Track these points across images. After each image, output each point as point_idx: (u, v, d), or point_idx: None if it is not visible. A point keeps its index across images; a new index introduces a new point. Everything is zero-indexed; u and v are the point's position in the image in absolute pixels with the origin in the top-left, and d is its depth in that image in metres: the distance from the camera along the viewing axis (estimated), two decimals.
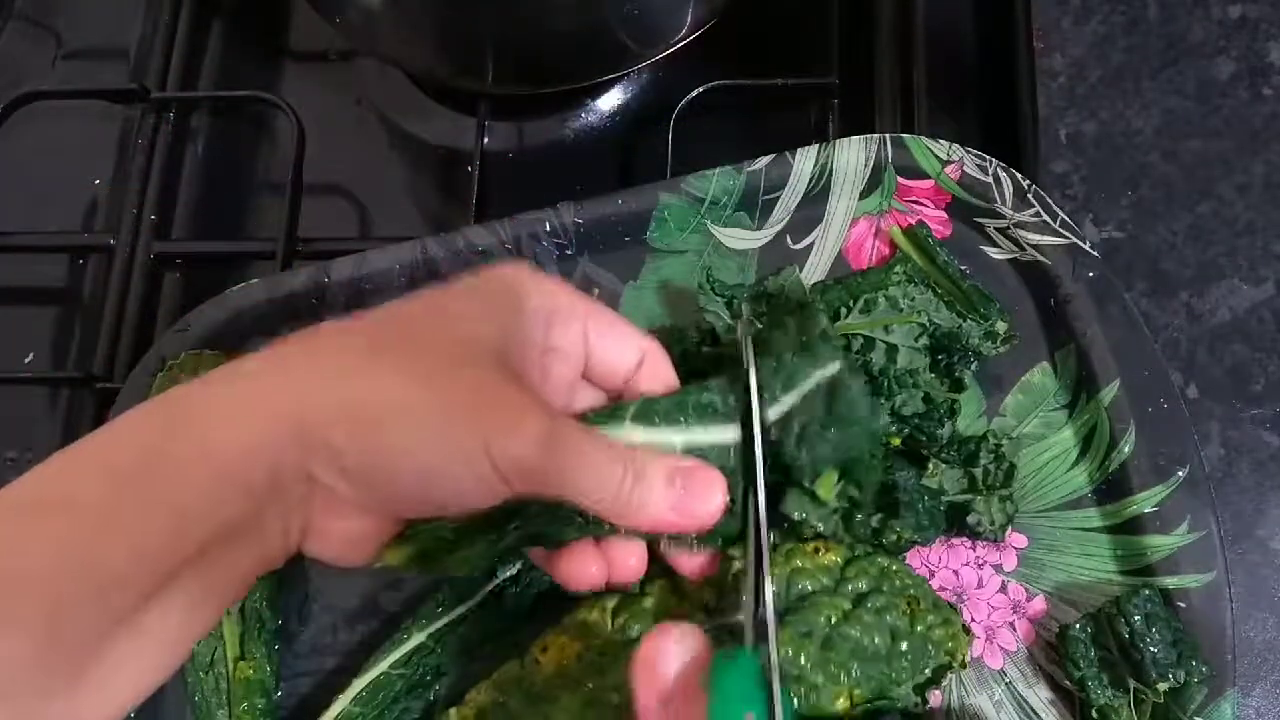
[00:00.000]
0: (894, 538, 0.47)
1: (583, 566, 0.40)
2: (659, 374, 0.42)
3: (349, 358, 0.35)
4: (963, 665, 0.46)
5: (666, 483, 0.37)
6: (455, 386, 0.34)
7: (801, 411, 0.41)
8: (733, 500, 0.40)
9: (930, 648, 0.45)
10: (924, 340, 0.50)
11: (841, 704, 0.43)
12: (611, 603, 0.46)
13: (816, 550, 0.46)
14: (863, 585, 0.45)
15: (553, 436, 0.34)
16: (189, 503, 0.32)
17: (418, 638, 0.48)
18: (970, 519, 0.49)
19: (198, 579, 0.32)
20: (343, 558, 0.37)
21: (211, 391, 0.34)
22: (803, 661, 0.42)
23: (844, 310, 0.51)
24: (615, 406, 0.40)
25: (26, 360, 0.64)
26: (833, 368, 0.41)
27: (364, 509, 0.35)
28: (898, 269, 0.52)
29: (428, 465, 0.34)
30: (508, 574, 0.49)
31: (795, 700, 0.42)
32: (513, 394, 0.35)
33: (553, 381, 0.39)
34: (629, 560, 0.41)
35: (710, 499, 0.38)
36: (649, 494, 0.37)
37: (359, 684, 0.48)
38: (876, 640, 0.44)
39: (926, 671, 0.45)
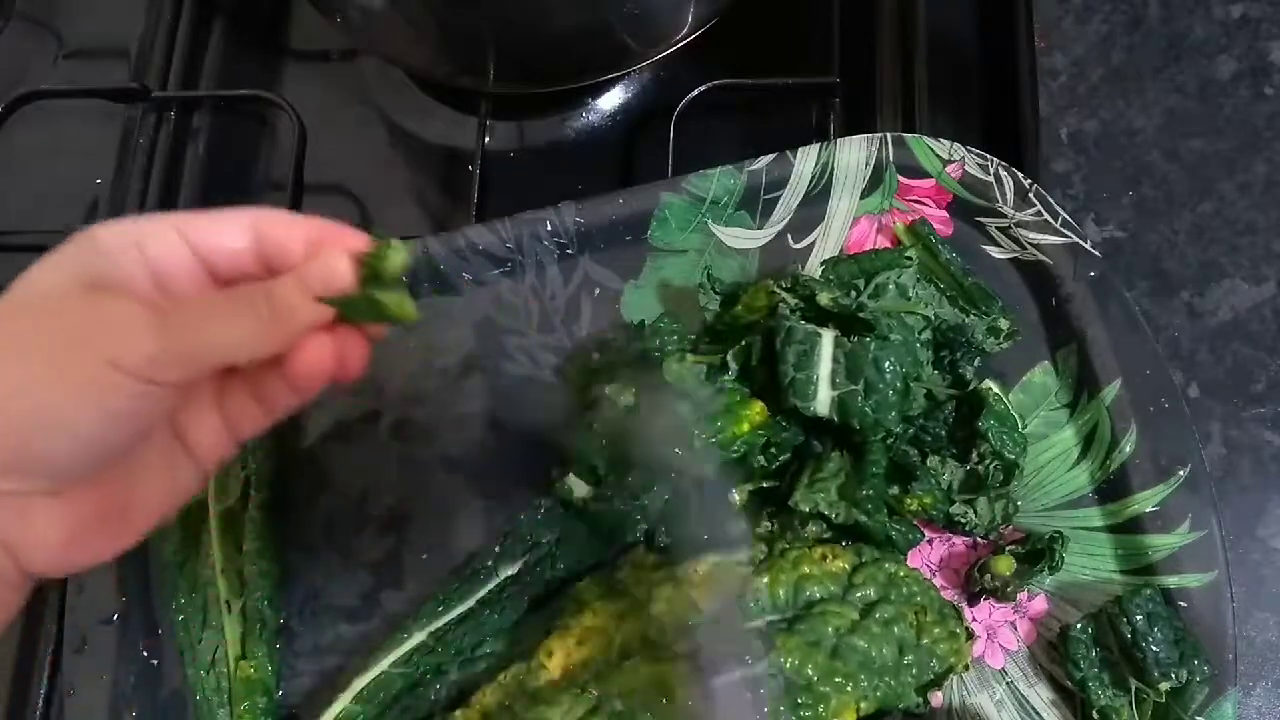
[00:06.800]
0: (915, 505, 0.47)
1: (317, 354, 0.37)
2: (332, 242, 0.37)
3: None
4: (965, 667, 0.46)
5: (296, 280, 0.35)
6: (53, 334, 0.34)
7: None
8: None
9: (934, 661, 0.45)
10: (927, 335, 0.50)
11: (849, 716, 0.43)
12: (617, 608, 0.46)
13: (824, 556, 0.46)
14: (871, 593, 0.45)
15: (165, 317, 0.34)
16: None
17: (418, 636, 0.48)
18: (955, 509, 0.49)
19: None
20: (78, 555, 0.36)
21: None
22: (810, 671, 0.42)
23: (853, 290, 0.51)
24: None
25: None
26: None
27: (49, 495, 0.35)
28: (910, 253, 0.52)
29: (68, 414, 0.33)
30: (508, 574, 0.49)
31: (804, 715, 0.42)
32: (110, 308, 0.34)
33: (174, 285, 0.37)
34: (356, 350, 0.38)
35: (338, 260, 0.35)
36: (288, 300, 0.35)
37: (360, 683, 0.48)
38: (885, 651, 0.43)
39: (928, 677, 0.45)
